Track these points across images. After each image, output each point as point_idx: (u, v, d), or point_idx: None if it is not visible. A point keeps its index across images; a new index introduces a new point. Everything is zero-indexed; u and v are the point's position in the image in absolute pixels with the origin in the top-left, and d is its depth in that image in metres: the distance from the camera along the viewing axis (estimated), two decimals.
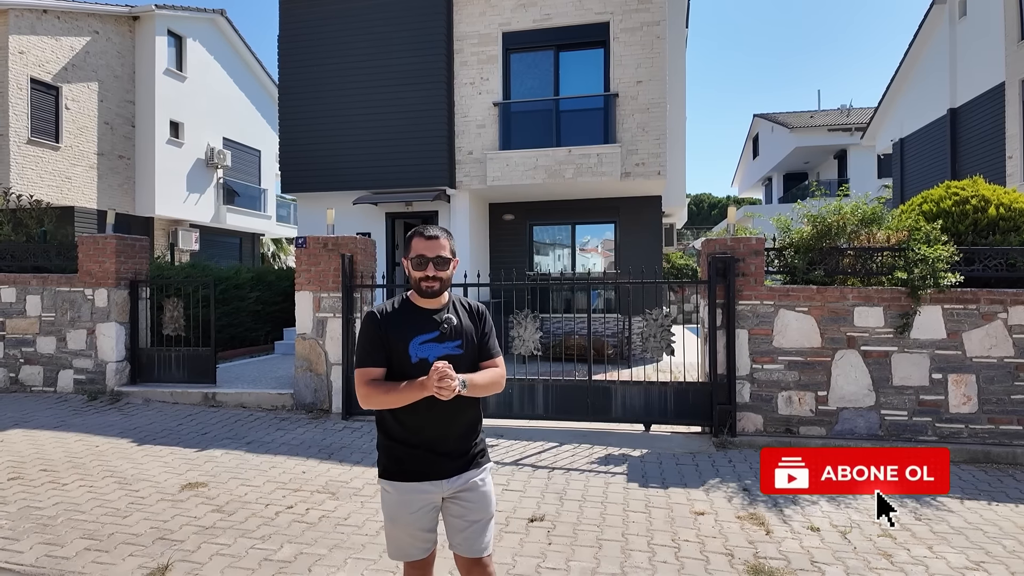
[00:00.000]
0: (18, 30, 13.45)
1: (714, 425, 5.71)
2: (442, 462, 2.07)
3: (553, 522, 3.86)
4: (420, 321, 2.09)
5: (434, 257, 2.06)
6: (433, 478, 2.06)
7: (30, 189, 13.45)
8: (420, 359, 2.04)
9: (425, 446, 2.06)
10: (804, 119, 26.93)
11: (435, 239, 2.09)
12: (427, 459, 2.06)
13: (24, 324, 7.45)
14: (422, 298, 2.11)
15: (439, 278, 2.07)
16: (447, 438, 2.08)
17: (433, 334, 2.07)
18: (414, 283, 2.10)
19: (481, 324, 2.19)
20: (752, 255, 5.80)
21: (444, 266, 2.08)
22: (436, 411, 2.02)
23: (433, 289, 2.07)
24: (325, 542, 3.54)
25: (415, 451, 2.06)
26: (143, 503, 4.09)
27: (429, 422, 2.05)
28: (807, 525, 3.85)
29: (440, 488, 2.07)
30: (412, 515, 2.06)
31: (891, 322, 5.56)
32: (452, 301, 2.19)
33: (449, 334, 2.08)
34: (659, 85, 10.36)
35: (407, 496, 2.06)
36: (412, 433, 2.06)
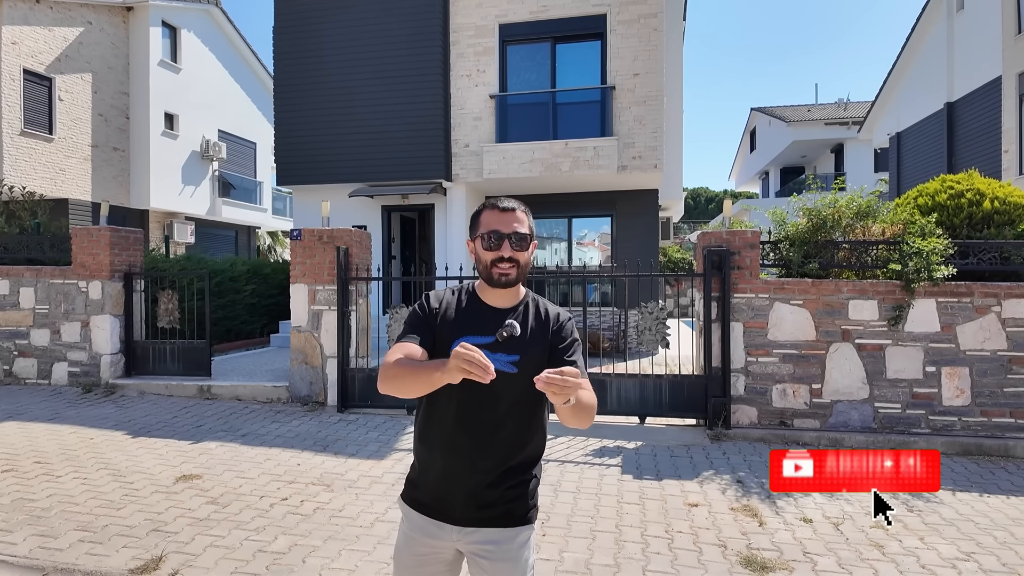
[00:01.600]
0: (11, 20, 13.33)
1: (709, 418, 5.72)
2: (464, 504, 1.57)
3: (547, 513, 3.87)
4: (479, 319, 1.61)
5: (510, 233, 1.59)
6: (445, 520, 1.60)
7: (24, 181, 13.37)
8: None
9: (449, 474, 1.59)
10: (801, 113, 26.91)
11: (512, 211, 1.62)
12: (445, 492, 1.60)
13: (18, 316, 7.42)
14: (492, 288, 1.62)
15: (516, 261, 1.60)
16: (469, 473, 1.57)
17: (487, 339, 1.55)
18: (483, 269, 1.61)
19: (555, 338, 1.63)
20: (747, 248, 5.80)
21: (523, 245, 1.61)
22: (461, 434, 1.58)
23: (508, 277, 1.59)
24: (319, 533, 3.55)
25: (436, 477, 1.62)
26: (137, 495, 4.09)
27: (449, 446, 1.59)
28: (800, 516, 3.87)
29: (450, 536, 1.60)
30: (412, 557, 1.65)
31: (885, 315, 5.58)
32: (528, 302, 1.68)
33: (506, 344, 1.54)
34: (656, 78, 10.33)
35: (411, 532, 1.65)
36: (430, 458, 1.63)
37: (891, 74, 17.86)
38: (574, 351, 1.63)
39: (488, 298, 1.65)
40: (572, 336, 1.66)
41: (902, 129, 17.38)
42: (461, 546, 1.61)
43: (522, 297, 1.68)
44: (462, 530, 1.58)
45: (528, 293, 1.71)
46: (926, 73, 16.21)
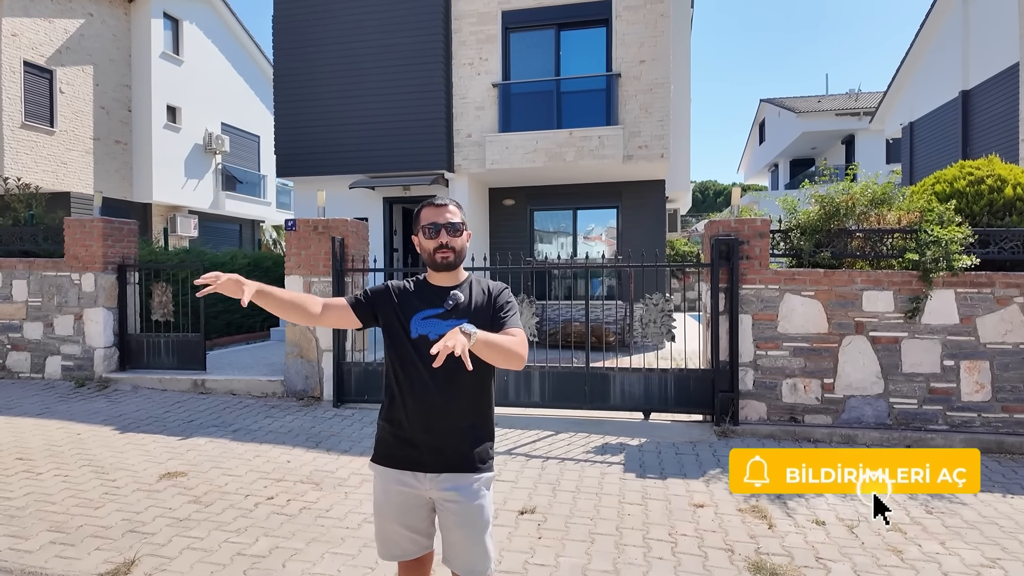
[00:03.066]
0: (11, 12, 13.21)
1: (715, 413, 5.51)
2: (427, 453, 1.85)
3: (545, 515, 3.67)
4: (429, 297, 1.93)
5: (445, 223, 1.92)
6: (415, 468, 1.86)
7: (25, 174, 13.27)
8: (420, 335, 1.87)
9: (408, 432, 1.86)
10: (811, 104, 26.48)
11: (444, 206, 1.95)
12: (408, 447, 1.86)
13: (10, 309, 7.30)
14: (437, 272, 1.95)
15: (452, 247, 1.92)
16: (434, 425, 1.85)
17: (438, 310, 1.90)
18: (428, 256, 1.94)
19: (494, 301, 1.95)
20: (757, 237, 5.57)
21: (456, 232, 1.93)
22: (425, 395, 1.84)
23: (448, 260, 1.92)
24: (303, 535, 3.37)
25: (398, 436, 1.88)
26: (118, 493, 3.93)
27: (416, 405, 1.85)
28: (812, 519, 3.66)
29: (423, 484, 1.86)
30: (393, 508, 1.89)
31: (901, 307, 5.33)
32: (470, 281, 2.01)
33: (455, 311, 1.89)
34: (663, 65, 10.06)
35: (388, 485, 1.89)
36: (398, 415, 1.88)
37: (904, 63, 17.45)
38: (507, 312, 1.93)
39: (435, 280, 1.98)
40: (507, 301, 1.97)
41: (915, 119, 16.99)
42: (433, 493, 1.86)
43: (464, 278, 2.01)
44: (434, 477, 1.85)
45: (469, 275, 2.04)
46: (940, 61, 15.81)
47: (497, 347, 1.73)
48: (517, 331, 1.87)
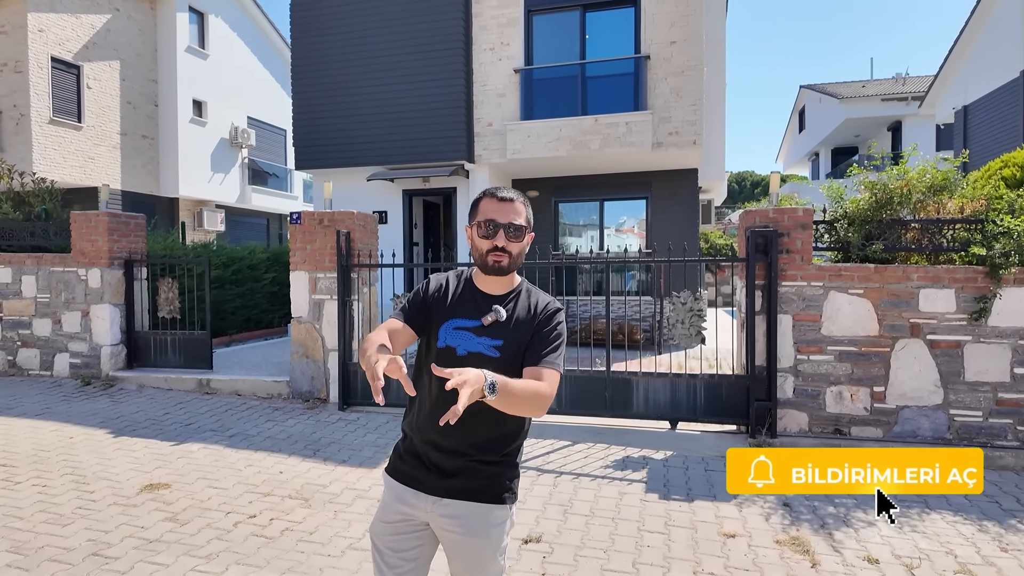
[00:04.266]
0: (37, 7, 13.25)
1: (751, 424, 4.98)
2: (434, 474, 1.62)
3: (551, 544, 3.24)
4: (470, 303, 1.67)
5: (507, 223, 1.62)
6: (418, 488, 1.63)
7: (53, 169, 13.37)
8: (447, 346, 1.63)
9: (417, 446, 1.65)
10: (855, 89, 25.24)
11: (510, 202, 1.65)
12: (418, 461, 1.65)
13: (20, 305, 7.17)
14: (486, 275, 1.68)
15: (509, 251, 1.63)
16: (442, 446, 1.61)
17: (473, 322, 1.63)
18: (478, 256, 1.66)
19: (537, 325, 1.64)
20: (798, 228, 5.01)
21: (518, 236, 1.64)
22: (440, 410, 1.51)
23: (501, 264, 1.63)
24: (279, 564, 3.01)
25: (411, 447, 1.68)
26: (92, 508, 3.64)
27: (428, 420, 1.61)
28: (863, 555, 3.14)
29: (424, 505, 1.62)
30: (386, 525, 1.67)
31: (964, 307, 4.72)
32: (521, 291, 1.72)
33: (491, 329, 1.62)
34: (695, 46, 9.45)
35: (389, 500, 1.69)
36: (411, 425, 1.69)
37: (957, 43, 16.33)
38: (552, 343, 1.61)
39: (482, 285, 1.70)
40: (554, 328, 1.64)
41: (970, 102, 15.89)
42: (433, 519, 1.63)
43: (515, 286, 1.72)
44: (437, 501, 1.61)
45: (523, 282, 1.75)
46: (997, 39, 14.70)
47: (517, 401, 1.43)
48: (551, 373, 1.56)
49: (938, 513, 3.68)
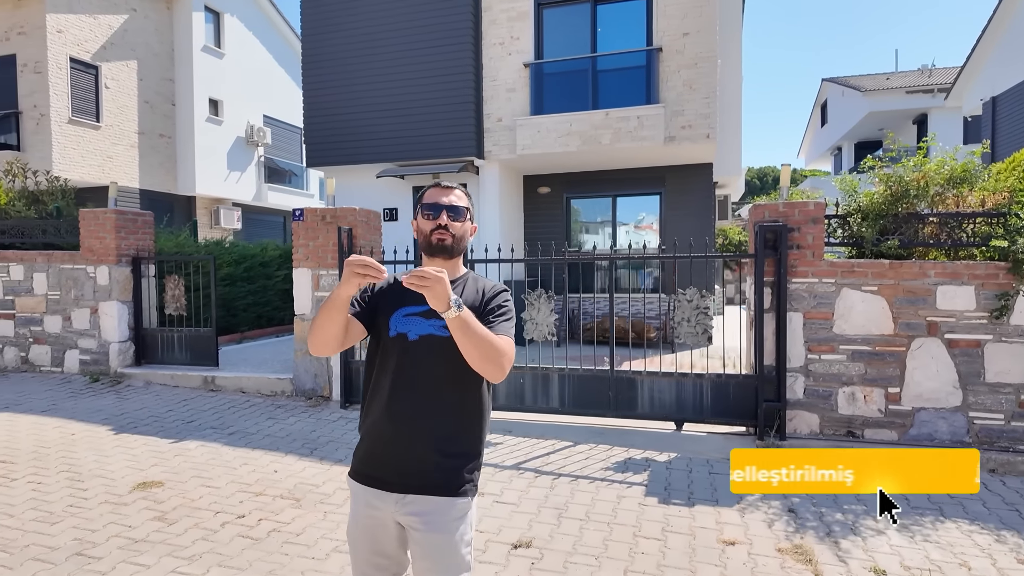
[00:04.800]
0: (55, 8, 13.43)
1: (759, 426, 4.82)
2: (391, 471, 1.63)
3: (541, 550, 3.14)
4: (417, 292, 1.61)
5: (447, 205, 1.71)
6: (383, 488, 1.63)
7: (72, 168, 13.57)
8: (398, 333, 1.66)
9: (377, 446, 1.66)
10: (879, 81, 24.63)
11: (451, 188, 1.76)
12: (381, 462, 1.65)
13: (32, 303, 7.25)
14: (431, 256, 1.73)
15: (451, 231, 1.70)
16: (400, 441, 1.62)
17: (422, 307, 1.64)
18: (424, 239, 1.72)
19: (486, 301, 1.72)
20: (809, 223, 4.82)
21: (459, 216, 1.72)
22: (395, 402, 1.63)
23: (444, 242, 1.70)
24: (261, 567, 2.95)
25: (370, 448, 1.68)
26: (83, 506, 3.62)
27: (384, 414, 1.63)
28: (870, 566, 2.99)
29: (388, 504, 1.63)
30: (360, 529, 1.69)
31: (985, 304, 4.50)
32: (469, 278, 1.79)
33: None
34: (709, 37, 9.23)
35: (357, 504, 1.69)
36: (376, 422, 1.66)
37: (985, 32, 15.80)
38: (499, 316, 1.68)
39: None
40: (501, 305, 1.71)
41: (998, 93, 15.37)
42: (399, 517, 1.63)
43: (463, 273, 1.79)
44: (400, 499, 1.61)
45: (468, 272, 1.81)
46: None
47: (477, 336, 1.50)
48: (506, 338, 1.61)
49: (953, 522, 3.50)
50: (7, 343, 7.36)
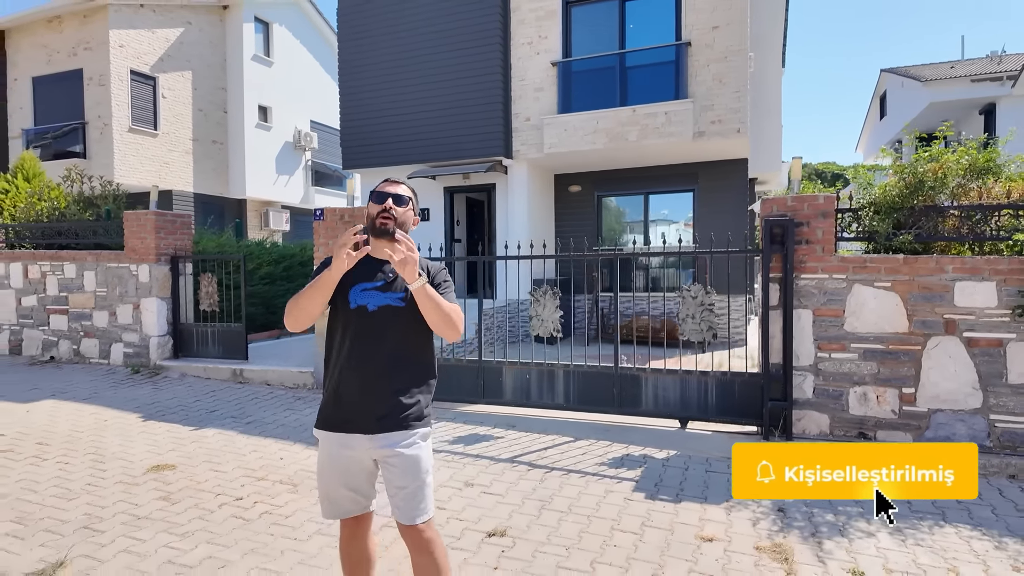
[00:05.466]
0: (117, 24, 14.31)
1: (764, 425, 4.71)
2: (367, 416, 1.97)
3: (515, 540, 3.18)
4: (368, 270, 2.04)
5: (393, 193, 2.04)
6: (356, 431, 1.97)
7: (131, 174, 14.43)
8: (359, 306, 2.00)
9: (353, 397, 1.98)
10: (942, 71, 23.33)
11: (400, 183, 2.10)
12: (352, 410, 1.98)
13: (83, 299, 7.78)
14: (377, 240, 2.01)
15: (393, 215, 2.01)
16: (376, 392, 1.98)
17: (376, 283, 2.02)
18: (370, 221, 2.02)
19: (433, 278, 2.08)
20: (819, 217, 4.68)
21: (402, 203, 2.05)
22: (365, 358, 1.98)
23: (387, 225, 1.98)
24: (245, 545, 3.11)
25: (343, 401, 1.99)
26: (100, 485, 3.90)
27: (360, 372, 1.98)
28: (850, 567, 2.90)
29: (364, 445, 1.98)
30: (337, 470, 2.01)
31: (1008, 301, 4.27)
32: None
33: (392, 284, 2.03)
34: (739, 29, 9.03)
35: (332, 448, 2.01)
36: (342, 381, 2.00)
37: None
38: (444, 289, 2.08)
39: (377, 254, 2.03)
40: (445, 280, 2.12)
41: None
42: (374, 453, 1.98)
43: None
44: (372, 438, 1.96)
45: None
46: None
47: (435, 301, 1.95)
48: (455, 305, 2.05)
49: (953, 527, 3.34)
50: (61, 336, 7.93)
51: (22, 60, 15.39)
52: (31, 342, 8.13)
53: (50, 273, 7.96)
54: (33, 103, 15.31)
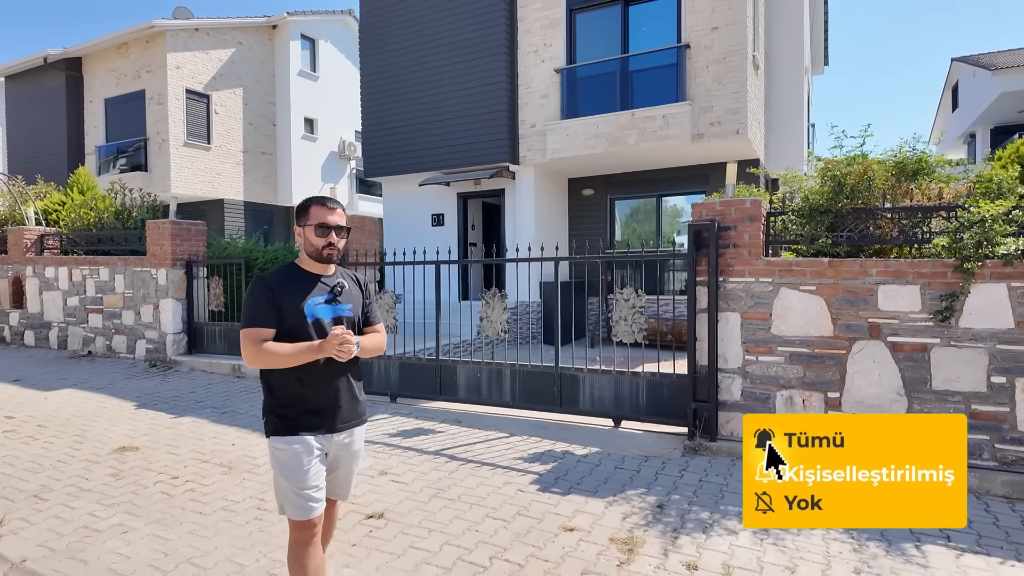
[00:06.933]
0: (174, 48, 15.59)
1: (688, 425, 4.77)
2: (334, 420, 2.22)
3: (388, 521, 3.46)
4: (311, 285, 2.24)
5: (335, 226, 2.23)
6: (328, 431, 2.22)
7: (186, 185, 15.67)
8: (316, 319, 2.20)
9: (318, 404, 2.20)
10: (1017, 57, 21.70)
11: (335, 209, 2.26)
12: (320, 417, 2.20)
13: (114, 299, 8.65)
14: (318, 263, 2.26)
15: (338, 247, 2.25)
16: (338, 397, 2.23)
17: (327, 296, 2.24)
18: (314, 250, 2.22)
19: (365, 291, 2.41)
20: (746, 221, 4.70)
21: (343, 234, 2.27)
22: (328, 372, 2.21)
23: (333, 257, 2.25)
24: (154, 516, 3.54)
25: (307, 409, 2.19)
26: (67, 462, 4.47)
27: (322, 382, 2.20)
28: (688, 562, 3.00)
29: (330, 443, 2.23)
30: (309, 470, 2.17)
31: (931, 305, 4.16)
32: (339, 269, 2.38)
33: (341, 297, 2.27)
34: (738, 30, 8.93)
35: (302, 450, 2.17)
36: (305, 392, 2.19)
37: None
38: (373, 302, 2.45)
39: (314, 269, 2.28)
40: (371, 296, 2.45)
41: None
42: (335, 447, 2.26)
43: (334, 270, 2.34)
44: (340, 435, 2.25)
45: (336, 267, 2.37)
46: None
47: (372, 351, 2.35)
48: (380, 326, 2.45)
49: (824, 530, 3.35)
50: (97, 333, 8.85)
51: (96, 83, 17.00)
52: (74, 338, 9.10)
53: (89, 276, 8.90)
54: (105, 122, 16.89)
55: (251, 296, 2.18)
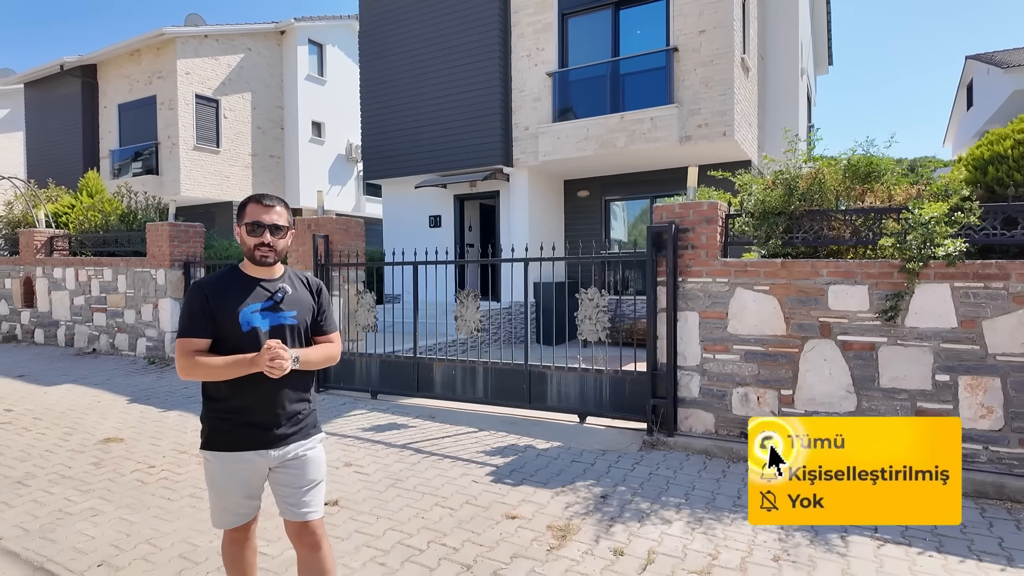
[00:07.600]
0: (184, 54, 16.01)
1: (648, 422, 4.90)
2: (269, 435, 2.05)
3: (341, 508, 3.66)
4: (250, 290, 2.06)
5: (270, 224, 2.05)
6: (259, 448, 2.05)
7: (196, 187, 16.08)
8: (252, 328, 2.02)
9: (253, 418, 2.04)
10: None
11: (272, 207, 2.07)
12: (253, 431, 2.04)
13: (117, 299, 8.99)
14: (260, 267, 2.09)
15: (274, 247, 2.06)
16: (275, 411, 2.05)
17: (266, 303, 2.06)
18: (248, 251, 2.07)
19: (318, 298, 2.22)
20: (703, 223, 4.83)
21: (280, 234, 2.08)
22: (266, 384, 2.02)
23: (268, 259, 2.07)
24: (125, 501, 3.77)
25: (241, 423, 2.03)
26: (55, 451, 4.73)
27: (258, 395, 2.03)
28: (616, 548, 3.15)
29: (266, 458, 2.06)
30: (236, 485, 2.07)
31: (878, 305, 4.26)
32: (288, 273, 2.19)
33: (283, 304, 2.09)
34: (725, 33, 9.02)
35: (231, 466, 2.06)
36: (240, 404, 2.03)
37: None
38: (328, 309, 2.26)
39: (256, 273, 2.11)
40: (327, 298, 2.27)
41: None
42: (274, 463, 2.07)
43: (281, 272, 2.17)
44: (278, 450, 2.06)
45: (287, 268, 2.21)
46: None
47: (317, 364, 2.14)
48: (335, 335, 2.27)
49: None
50: (101, 331, 9.19)
51: (110, 89, 17.51)
52: (80, 336, 9.46)
53: (94, 277, 9.25)
54: (119, 127, 17.39)
55: (186, 303, 2.05)
